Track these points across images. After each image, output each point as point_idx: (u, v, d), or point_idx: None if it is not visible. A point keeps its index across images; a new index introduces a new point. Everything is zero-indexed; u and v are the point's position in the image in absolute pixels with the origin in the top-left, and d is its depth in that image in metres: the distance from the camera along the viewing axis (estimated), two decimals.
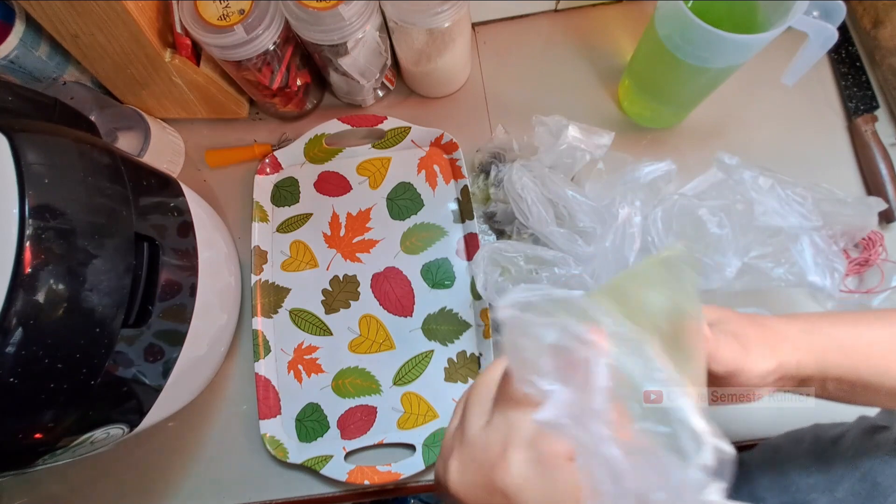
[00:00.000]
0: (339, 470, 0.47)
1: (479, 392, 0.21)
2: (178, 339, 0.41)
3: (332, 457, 0.48)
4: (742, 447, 0.47)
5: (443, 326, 0.52)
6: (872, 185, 0.52)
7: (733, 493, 0.16)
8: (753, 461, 0.43)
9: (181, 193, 0.46)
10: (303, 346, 0.53)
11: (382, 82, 0.58)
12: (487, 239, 0.54)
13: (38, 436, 0.32)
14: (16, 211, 0.30)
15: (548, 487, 0.18)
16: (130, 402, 0.38)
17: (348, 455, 0.49)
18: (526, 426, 0.19)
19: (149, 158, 0.54)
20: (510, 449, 0.18)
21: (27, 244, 0.30)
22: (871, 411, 0.39)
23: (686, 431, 0.18)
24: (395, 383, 0.51)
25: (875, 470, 0.33)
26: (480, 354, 0.50)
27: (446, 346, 0.51)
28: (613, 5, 0.61)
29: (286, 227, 0.57)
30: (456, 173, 0.56)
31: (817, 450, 0.38)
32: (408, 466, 0.47)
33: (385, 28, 0.52)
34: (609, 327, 0.18)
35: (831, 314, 0.30)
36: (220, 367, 0.52)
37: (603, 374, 0.17)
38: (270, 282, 0.55)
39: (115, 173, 0.38)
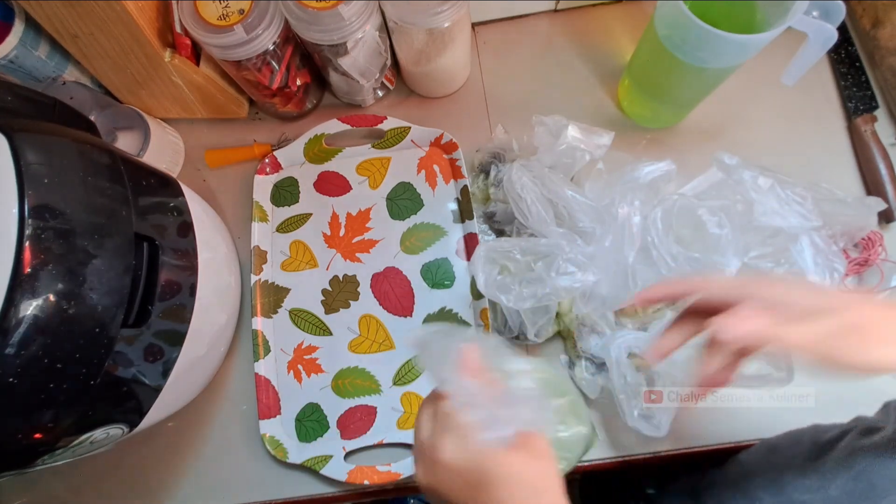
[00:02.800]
0: (338, 470, 0.47)
1: (420, 415, 0.32)
2: (177, 339, 0.41)
3: (331, 457, 0.48)
4: (742, 447, 0.47)
5: None
6: (872, 185, 0.52)
7: (732, 492, 0.17)
8: (751, 460, 0.43)
9: (181, 193, 0.46)
10: (302, 346, 0.53)
11: (382, 82, 0.58)
12: (487, 239, 0.54)
13: (37, 436, 0.32)
14: (15, 211, 0.30)
15: (461, 448, 0.28)
16: (130, 402, 0.38)
17: (348, 455, 0.49)
18: (445, 423, 0.29)
19: (148, 158, 0.54)
20: (436, 439, 0.29)
21: (27, 244, 0.30)
22: (869, 411, 0.39)
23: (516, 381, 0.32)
24: (394, 383, 0.51)
25: (870, 470, 0.33)
26: None
27: None
28: (613, 5, 0.61)
29: (286, 226, 0.57)
30: (456, 173, 0.56)
31: (814, 450, 0.38)
32: (407, 466, 0.47)
33: (385, 28, 0.52)
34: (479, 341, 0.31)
35: None
36: (220, 367, 0.52)
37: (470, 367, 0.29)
38: (270, 282, 0.55)
39: (114, 173, 0.38)
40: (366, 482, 0.47)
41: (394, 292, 0.53)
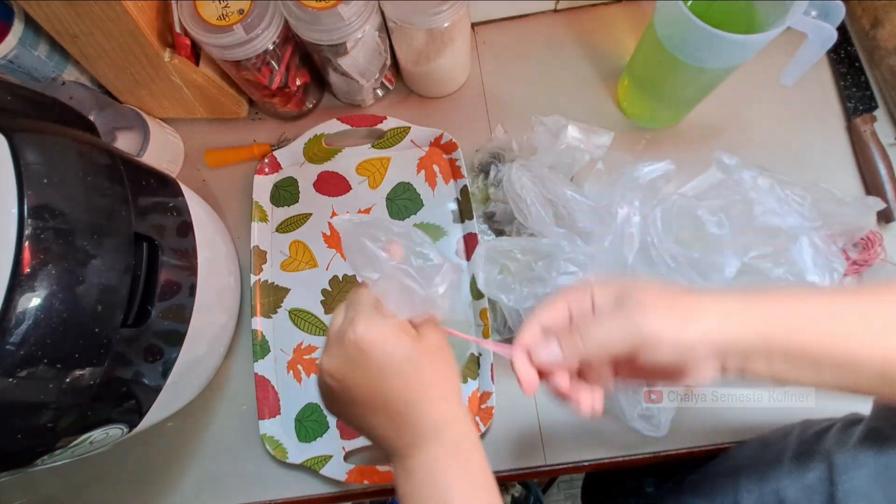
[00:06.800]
0: (338, 470, 0.47)
1: (336, 310, 0.33)
2: (177, 339, 0.41)
3: (331, 457, 0.48)
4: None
5: None
6: (871, 185, 0.52)
7: (721, 484, 0.18)
8: (742, 454, 0.44)
9: (180, 193, 0.46)
10: (302, 346, 0.53)
11: (382, 82, 0.58)
12: (487, 239, 0.54)
13: (37, 436, 0.32)
14: (15, 211, 0.30)
15: (378, 329, 0.29)
16: (129, 403, 0.38)
17: (348, 455, 0.49)
18: (359, 307, 0.30)
19: (148, 158, 0.54)
20: (353, 319, 0.29)
21: (26, 244, 0.30)
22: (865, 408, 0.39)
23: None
24: None
25: (840, 463, 0.34)
26: (479, 354, 0.50)
27: None
28: (613, 5, 0.61)
29: (285, 226, 0.57)
30: (455, 173, 0.56)
31: (801, 442, 0.39)
32: None
33: (385, 28, 0.52)
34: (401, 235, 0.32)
35: (776, 289, 0.29)
36: (220, 367, 0.52)
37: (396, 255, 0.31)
38: (270, 282, 0.55)
39: (114, 173, 0.38)
40: (365, 482, 0.47)
41: None
